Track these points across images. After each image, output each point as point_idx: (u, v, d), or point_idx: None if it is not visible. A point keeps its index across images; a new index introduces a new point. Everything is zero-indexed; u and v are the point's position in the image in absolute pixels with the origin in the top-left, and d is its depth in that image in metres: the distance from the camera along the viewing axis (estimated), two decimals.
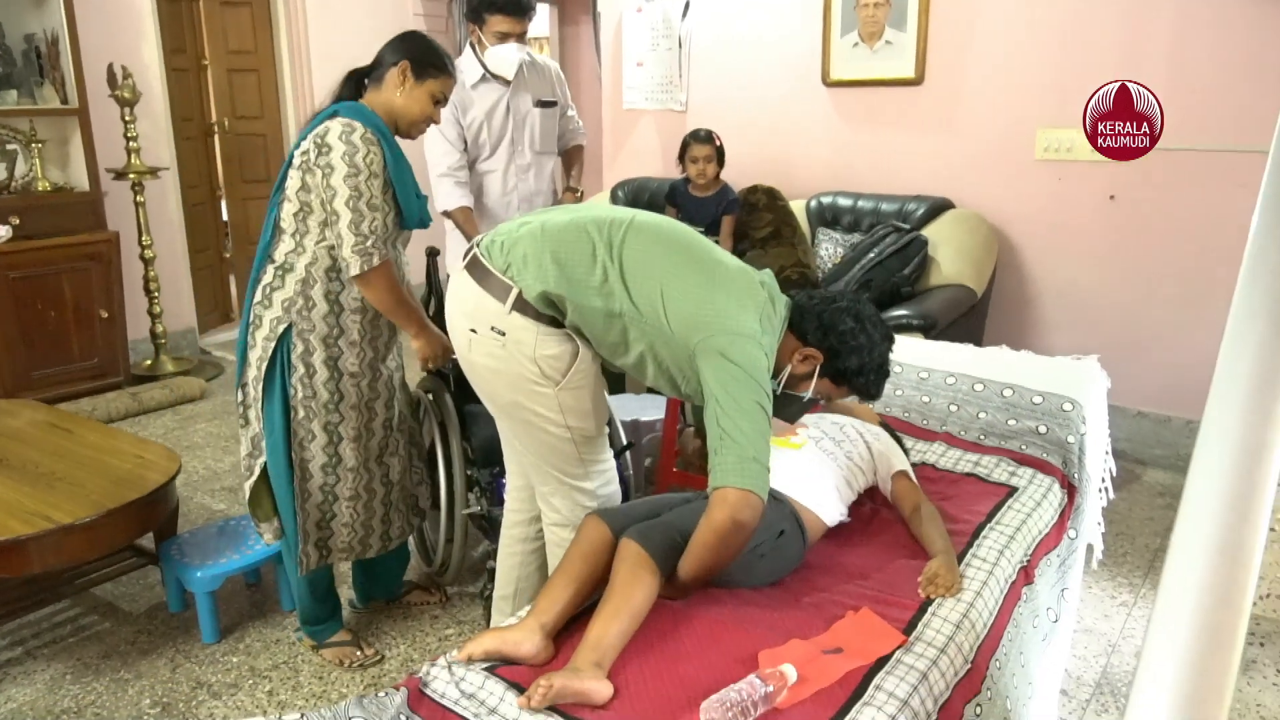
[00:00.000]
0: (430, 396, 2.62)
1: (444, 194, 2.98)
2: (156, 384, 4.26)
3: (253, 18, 5.25)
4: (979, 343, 3.66)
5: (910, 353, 2.69)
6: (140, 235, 4.47)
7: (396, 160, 2.07)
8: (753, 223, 3.85)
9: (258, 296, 2.10)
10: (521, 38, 2.94)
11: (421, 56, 2.13)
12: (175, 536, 2.50)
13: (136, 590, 2.64)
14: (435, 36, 6.10)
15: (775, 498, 1.81)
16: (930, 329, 3.14)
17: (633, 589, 1.53)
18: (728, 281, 1.71)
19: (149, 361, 4.64)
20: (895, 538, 1.96)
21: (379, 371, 2.22)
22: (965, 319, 3.46)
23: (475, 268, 1.77)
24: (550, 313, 1.73)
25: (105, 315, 4.16)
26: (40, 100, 4.14)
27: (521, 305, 1.71)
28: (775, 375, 1.77)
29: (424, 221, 2.17)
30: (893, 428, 2.31)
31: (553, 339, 1.74)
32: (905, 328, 3.13)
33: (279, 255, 2.08)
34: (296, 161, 2.03)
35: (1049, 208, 3.71)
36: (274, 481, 2.18)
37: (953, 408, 2.47)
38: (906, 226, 3.60)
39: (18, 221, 3.95)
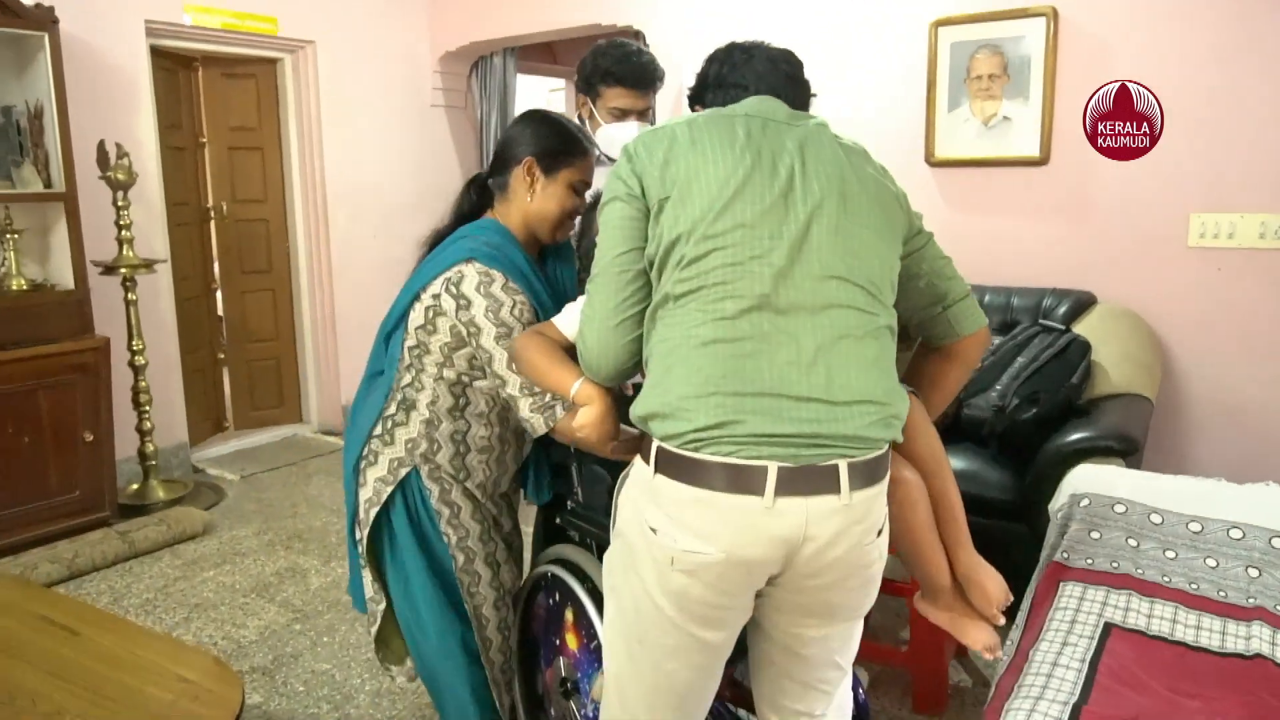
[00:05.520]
0: (561, 567, 2.00)
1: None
2: (150, 519, 3.53)
3: (258, 91, 4.69)
4: (1138, 463, 3.16)
5: (1149, 495, 2.16)
6: (130, 339, 3.80)
7: (541, 303, 1.80)
8: None
9: (378, 429, 1.85)
10: (643, 115, 2.43)
11: (548, 146, 1.80)
12: None
13: None
14: (454, 114, 5.57)
15: None
16: (1131, 452, 2.61)
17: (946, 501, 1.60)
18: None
19: (135, 486, 3.91)
20: None
21: (502, 508, 1.99)
22: None
23: (817, 477, 1.31)
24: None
25: (90, 438, 3.45)
26: (19, 183, 3.49)
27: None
28: None
29: None
30: None
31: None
32: (1100, 451, 2.60)
33: (400, 386, 1.84)
34: (426, 299, 1.77)
35: (1207, 301, 3.25)
36: (433, 662, 1.90)
37: (1252, 571, 1.93)
38: (1060, 326, 3.10)
39: None
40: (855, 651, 1.57)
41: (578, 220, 1.98)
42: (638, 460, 1.44)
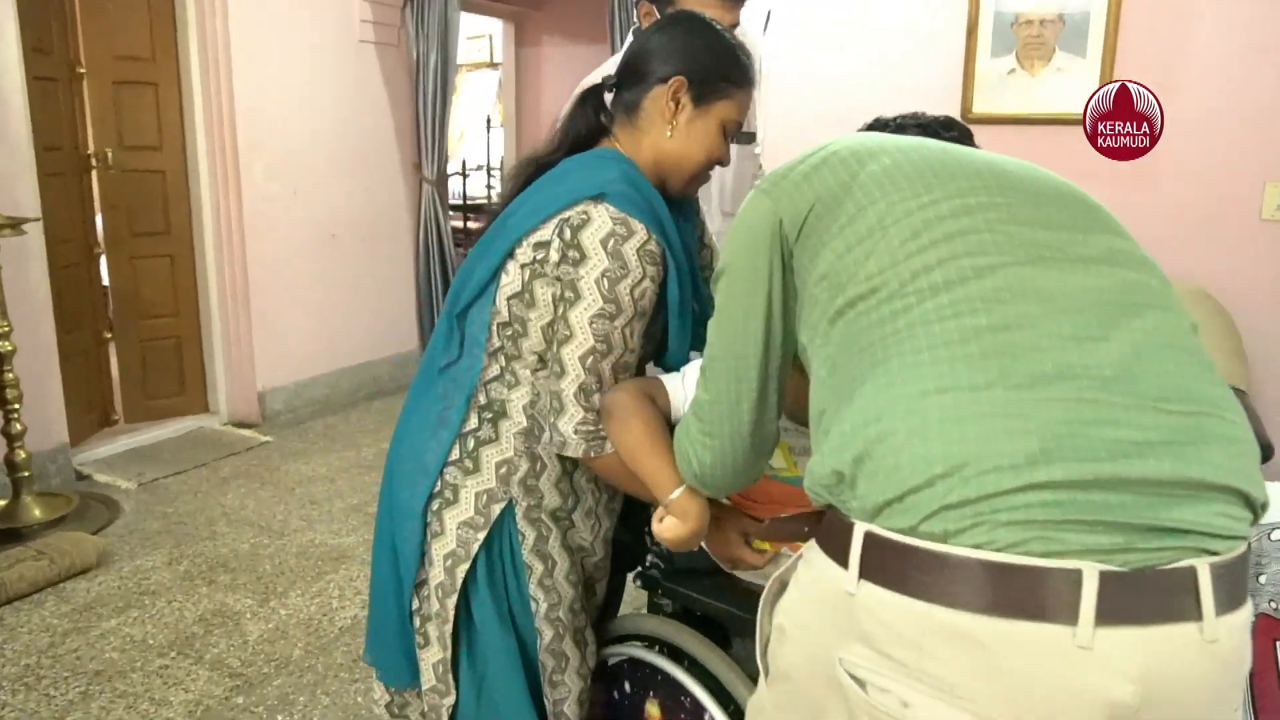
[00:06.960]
0: (638, 645, 1.50)
1: None
2: (24, 549, 2.77)
3: (150, 10, 3.84)
4: None
5: None
6: None
7: (683, 280, 1.31)
8: None
9: (454, 452, 1.36)
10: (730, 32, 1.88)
11: (707, 66, 1.33)
12: None
13: None
14: (386, 52, 4.83)
15: None
16: (1265, 459, 2.23)
17: None
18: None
19: (3, 503, 3.12)
20: None
21: (607, 550, 1.52)
22: None
23: (1160, 591, 0.77)
24: None
25: None
26: None
27: None
28: None
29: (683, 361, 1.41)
30: None
31: None
32: None
33: (482, 382, 1.36)
34: (525, 254, 1.29)
35: None
36: None
37: None
38: None
39: None
40: None
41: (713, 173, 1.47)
42: (812, 554, 0.90)
